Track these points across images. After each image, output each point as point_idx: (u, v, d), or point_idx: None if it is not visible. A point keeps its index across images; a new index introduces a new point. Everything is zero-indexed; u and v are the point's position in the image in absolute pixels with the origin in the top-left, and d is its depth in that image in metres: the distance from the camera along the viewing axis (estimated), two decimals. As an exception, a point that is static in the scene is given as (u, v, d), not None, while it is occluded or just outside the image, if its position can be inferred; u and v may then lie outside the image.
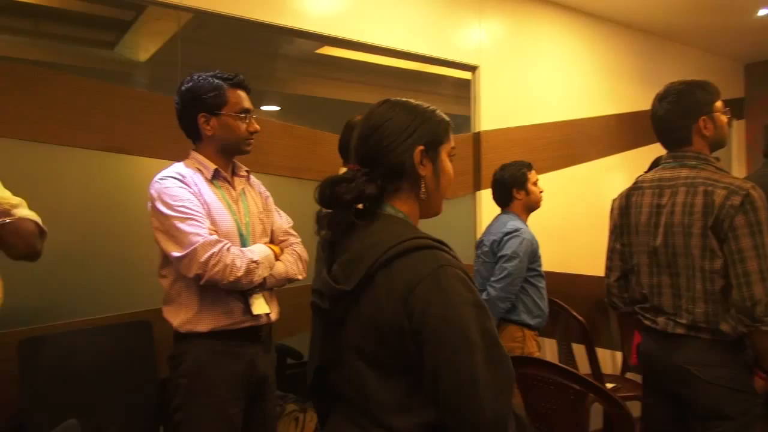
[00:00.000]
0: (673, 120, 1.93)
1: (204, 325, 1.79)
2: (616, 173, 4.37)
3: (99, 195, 2.43)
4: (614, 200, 2.12)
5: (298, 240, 2.06)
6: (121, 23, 2.68)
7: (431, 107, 1.24)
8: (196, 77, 1.86)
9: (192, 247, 1.70)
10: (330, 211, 1.19)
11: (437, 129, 1.22)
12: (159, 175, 1.81)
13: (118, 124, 2.39)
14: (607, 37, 4.39)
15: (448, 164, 1.24)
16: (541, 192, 2.95)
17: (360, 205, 1.19)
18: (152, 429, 2.28)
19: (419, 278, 1.05)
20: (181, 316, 1.80)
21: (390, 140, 1.17)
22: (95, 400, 2.13)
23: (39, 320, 2.19)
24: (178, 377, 1.80)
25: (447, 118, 1.25)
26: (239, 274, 1.73)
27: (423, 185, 1.19)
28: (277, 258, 1.90)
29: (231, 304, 1.82)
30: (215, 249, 1.71)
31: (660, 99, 1.98)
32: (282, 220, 2.07)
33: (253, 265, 1.78)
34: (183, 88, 1.86)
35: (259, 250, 1.84)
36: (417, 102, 1.23)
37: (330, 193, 1.16)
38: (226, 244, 1.74)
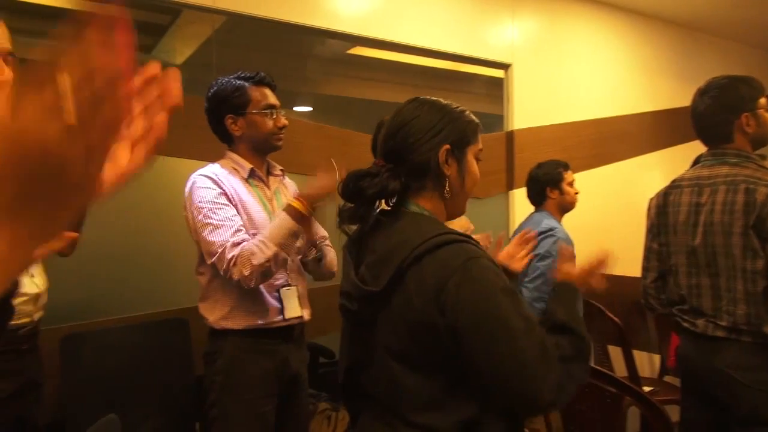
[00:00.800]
0: (713, 116, 1.88)
1: (238, 323, 1.83)
2: (653, 172, 4.27)
3: (138, 195, 2.49)
4: (651, 199, 2.07)
5: (331, 247, 2.07)
6: (158, 27, 2.74)
7: (460, 108, 1.24)
8: (219, 81, 1.90)
9: (213, 258, 1.74)
10: (352, 205, 1.20)
11: (465, 129, 1.21)
12: (193, 174, 1.86)
13: (155, 126, 2.43)
14: (644, 32, 4.30)
15: (474, 165, 1.23)
16: (576, 193, 2.89)
17: (384, 204, 1.19)
18: (188, 425, 2.33)
19: (450, 272, 1.05)
20: (216, 313, 1.84)
21: (416, 138, 1.17)
22: (133, 395, 2.18)
23: (80, 317, 2.26)
24: (213, 374, 1.83)
25: (476, 120, 1.24)
26: (252, 284, 1.73)
27: (447, 185, 1.19)
28: (303, 215, 1.77)
29: (265, 304, 1.85)
30: (225, 266, 1.72)
31: (701, 94, 1.92)
32: (316, 226, 2.08)
33: (267, 265, 1.73)
34: (209, 93, 1.91)
35: (269, 234, 1.75)
36: (446, 102, 1.23)
37: (353, 187, 1.17)
38: (236, 254, 1.72)
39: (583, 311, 2.84)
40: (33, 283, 1.54)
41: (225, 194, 1.81)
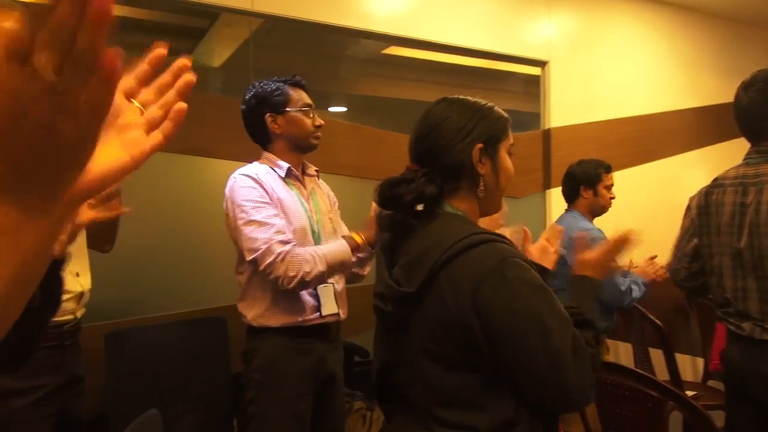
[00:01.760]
0: (759, 110, 1.81)
1: (275, 320, 1.85)
2: (696, 170, 4.14)
3: (177, 196, 2.55)
4: (692, 198, 2.01)
5: None
6: (197, 31, 2.80)
7: (489, 104, 1.22)
8: (257, 84, 1.95)
9: (255, 254, 1.76)
10: (389, 212, 1.20)
11: (495, 126, 1.20)
12: (234, 174, 1.89)
13: (195, 128, 2.49)
14: (685, 26, 4.17)
15: (507, 161, 1.22)
16: (611, 198, 2.83)
17: (419, 206, 1.19)
18: (226, 422, 2.37)
19: (484, 273, 1.04)
20: (254, 310, 1.87)
21: (448, 139, 1.16)
22: (173, 391, 2.23)
23: (123, 315, 2.32)
24: (251, 372, 1.86)
25: (505, 115, 1.23)
26: (290, 286, 1.77)
27: (482, 183, 1.18)
28: (358, 246, 1.89)
29: (302, 302, 1.87)
30: (270, 259, 1.75)
31: (745, 87, 1.85)
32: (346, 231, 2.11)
33: (312, 277, 1.78)
34: (247, 97, 1.95)
35: (326, 253, 1.83)
36: (474, 99, 1.22)
37: (390, 194, 1.16)
38: (286, 251, 1.76)
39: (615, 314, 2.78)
40: (77, 282, 1.59)
41: (267, 193, 1.84)
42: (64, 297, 1.53)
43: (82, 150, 0.39)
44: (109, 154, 0.50)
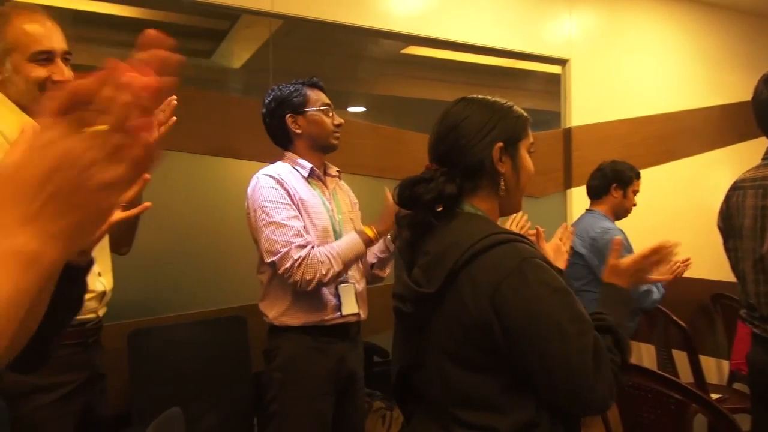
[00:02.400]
0: None
1: (296, 320, 1.87)
2: (722, 169, 4.06)
3: (199, 196, 2.57)
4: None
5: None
6: (217, 33, 2.82)
7: (508, 103, 1.22)
8: (276, 87, 1.97)
9: (274, 257, 1.79)
10: (409, 212, 1.20)
11: (515, 125, 1.20)
12: (257, 173, 1.91)
13: (215, 129, 2.52)
14: (709, 22, 4.10)
15: (527, 160, 1.22)
16: (633, 204, 2.81)
17: (439, 206, 1.19)
18: (247, 420, 2.39)
19: (504, 274, 1.04)
20: (275, 309, 1.89)
21: (468, 138, 1.16)
22: (195, 389, 2.26)
23: (145, 314, 2.36)
24: (273, 371, 1.88)
25: (525, 114, 1.23)
26: (308, 288, 1.80)
27: (502, 182, 1.17)
28: (371, 241, 1.91)
29: (323, 301, 1.88)
30: (288, 264, 1.77)
31: (765, 81, 1.80)
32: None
33: (330, 277, 1.81)
34: (267, 100, 1.97)
35: (340, 252, 1.85)
36: (494, 98, 1.22)
37: (409, 194, 1.16)
38: (303, 256, 1.78)
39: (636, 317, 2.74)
40: (99, 281, 1.61)
41: (288, 194, 1.85)
42: (87, 296, 1.56)
43: (115, 200, 0.46)
44: None
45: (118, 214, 0.98)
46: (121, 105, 0.43)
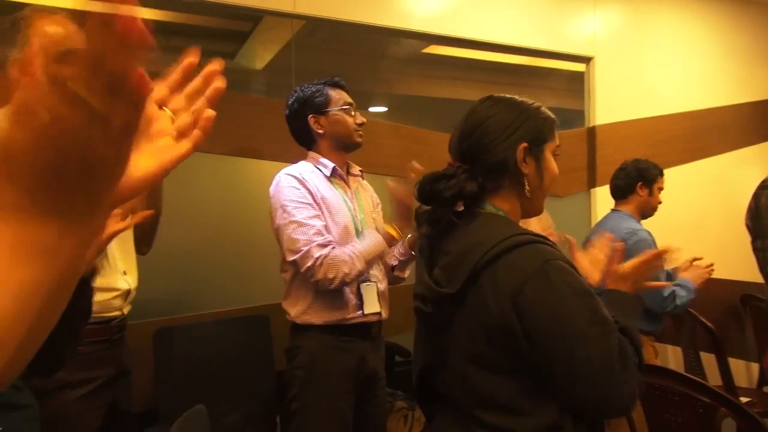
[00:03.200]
0: None
1: (318, 318, 1.88)
2: (750, 167, 3.98)
3: (222, 197, 2.60)
4: None
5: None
6: (240, 34, 2.85)
7: (536, 104, 1.21)
8: (298, 89, 1.99)
9: (296, 256, 1.80)
10: (429, 208, 1.19)
11: (542, 126, 1.18)
12: (280, 173, 1.92)
13: (239, 130, 2.54)
14: (739, 17, 4.01)
15: (552, 163, 1.20)
16: (659, 202, 2.76)
17: (459, 204, 1.18)
18: (270, 418, 2.41)
19: (527, 276, 1.03)
20: (297, 307, 1.90)
21: (492, 137, 1.15)
22: (218, 387, 2.28)
23: (170, 312, 2.39)
24: (294, 369, 1.89)
25: (552, 116, 1.21)
26: (330, 287, 1.81)
27: (526, 183, 1.16)
28: (394, 239, 1.93)
29: (345, 300, 1.89)
30: (309, 263, 1.78)
31: None
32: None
33: (352, 276, 1.82)
34: (289, 101, 1.99)
35: (362, 251, 1.86)
36: (521, 98, 1.20)
37: (429, 190, 1.16)
38: (324, 254, 1.79)
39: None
40: (124, 280, 1.64)
41: (310, 194, 1.87)
42: (112, 294, 1.59)
43: (117, 166, 0.41)
44: (139, 162, 0.52)
45: (122, 226, 1.00)
46: (107, 57, 0.37)
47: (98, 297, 1.28)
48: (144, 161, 0.52)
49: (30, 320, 0.40)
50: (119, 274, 1.63)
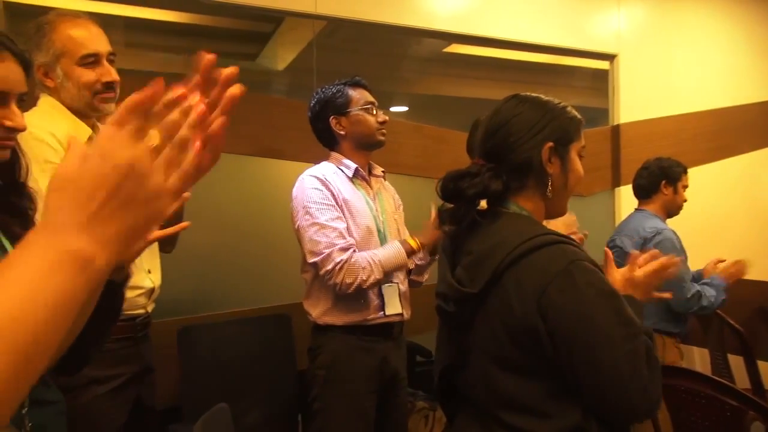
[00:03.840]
0: None
1: (339, 319, 1.88)
2: (780, 166, 3.90)
3: (245, 197, 2.62)
4: None
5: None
6: (262, 36, 2.87)
7: (562, 104, 1.19)
8: (319, 90, 1.99)
9: (316, 258, 1.81)
10: (452, 206, 1.18)
11: (568, 126, 1.17)
12: (303, 174, 1.93)
13: (261, 130, 2.56)
14: (765, 13, 3.91)
15: (577, 163, 1.19)
16: (684, 200, 2.72)
17: (483, 204, 1.17)
18: (291, 417, 2.42)
19: (551, 276, 1.02)
20: (318, 308, 1.91)
21: (518, 136, 1.14)
22: (241, 386, 2.30)
23: (194, 311, 2.42)
24: (316, 368, 1.90)
25: (579, 116, 1.20)
26: (348, 291, 1.82)
27: (550, 183, 1.15)
28: (414, 252, 1.93)
29: (366, 301, 1.89)
30: (329, 266, 1.79)
31: None
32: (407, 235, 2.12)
33: (370, 283, 1.83)
34: (311, 103, 2.00)
35: (382, 260, 1.86)
36: (547, 98, 1.19)
37: (453, 187, 1.15)
38: (345, 259, 1.79)
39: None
40: (148, 278, 1.67)
41: (333, 195, 1.87)
42: (137, 292, 1.61)
43: (164, 210, 0.49)
44: None
45: (156, 233, 1.02)
46: (175, 121, 0.47)
47: (123, 294, 1.30)
48: None
49: (66, 326, 0.45)
50: (144, 273, 1.65)
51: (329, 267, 1.79)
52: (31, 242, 0.45)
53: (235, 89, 0.51)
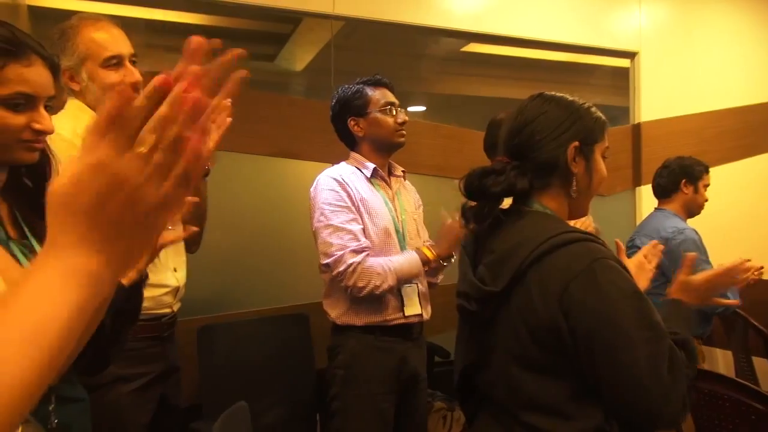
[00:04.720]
0: None
1: (358, 319, 1.88)
2: (808, 164, 3.81)
3: (264, 197, 2.64)
4: None
5: None
6: (280, 36, 2.89)
7: (587, 104, 1.19)
8: (340, 89, 1.99)
9: (329, 260, 1.82)
10: (474, 204, 1.17)
11: (593, 127, 1.17)
12: (320, 174, 1.94)
13: (279, 131, 2.57)
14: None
15: (601, 164, 1.18)
16: (706, 200, 2.67)
17: (507, 202, 1.16)
18: (310, 416, 2.43)
19: (574, 274, 1.01)
20: (338, 308, 1.91)
21: (543, 134, 1.13)
22: (260, 385, 2.32)
23: (213, 310, 2.44)
24: (335, 368, 1.90)
25: (603, 117, 1.19)
26: (359, 295, 1.82)
27: (574, 183, 1.14)
28: (429, 262, 1.92)
29: (385, 301, 1.89)
30: (342, 268, 1.79)
31: None
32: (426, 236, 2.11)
33: (382, 289, 1.82)
34: (332, 103, 1.99)
35: (396, 268, 1.85)
36: (572, 97, 1.18)
37: (478, 185, 1.14)
38: (357, 261, 1.79)
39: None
40: (174, 277, 1.68)
41: (349, 196, 1.87)
42: (162, 291, 1.63)
43: (166, 218, 0.48)
44: None
45: (169, 234, 1.03)
46: (166, 121, 0.44)
47: (149, 293, 1.31)
48: None
49: (76, 336, 0.46)
50: (169, 271, 1.67)
51: (341, 269, 1.79)
52: (40, 263, 0.46)
53: (241, 72, 0.48)
